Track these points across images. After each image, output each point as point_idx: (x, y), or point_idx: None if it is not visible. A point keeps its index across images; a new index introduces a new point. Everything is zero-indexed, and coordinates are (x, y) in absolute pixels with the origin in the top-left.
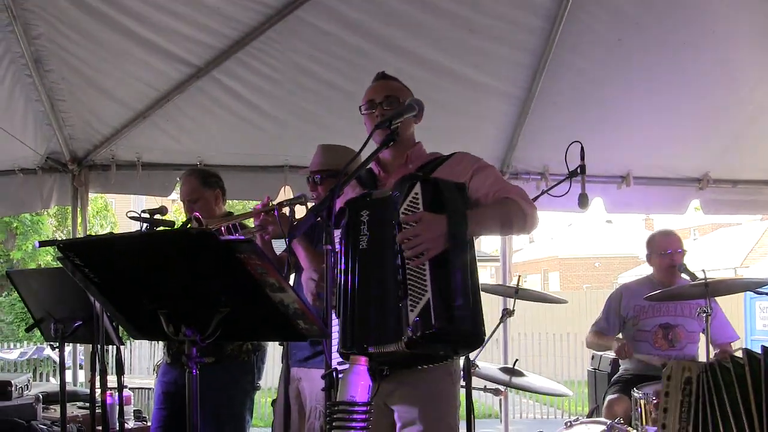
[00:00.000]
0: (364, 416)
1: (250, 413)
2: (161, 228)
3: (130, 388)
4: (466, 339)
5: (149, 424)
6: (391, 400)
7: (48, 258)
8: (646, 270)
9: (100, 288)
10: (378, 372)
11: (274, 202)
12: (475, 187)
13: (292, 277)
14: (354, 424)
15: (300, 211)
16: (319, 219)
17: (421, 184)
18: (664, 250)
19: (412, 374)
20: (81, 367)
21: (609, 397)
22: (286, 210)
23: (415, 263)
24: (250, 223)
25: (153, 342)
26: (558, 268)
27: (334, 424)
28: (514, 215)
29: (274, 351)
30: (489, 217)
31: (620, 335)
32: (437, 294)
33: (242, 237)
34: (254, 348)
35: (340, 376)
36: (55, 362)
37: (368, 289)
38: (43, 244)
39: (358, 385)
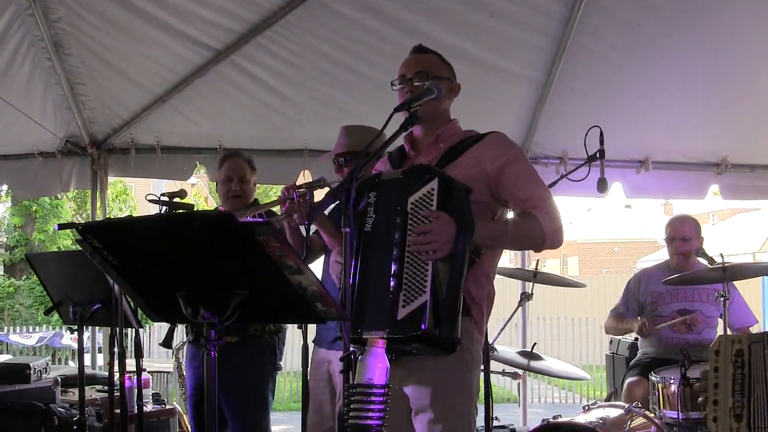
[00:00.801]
0: (381, 398)
1: (272, 394)
2: (180, 211)
3: (149, 372)
4: (444, 346)
5: (168, 407)
6: (405, 386)
7: (67, 242)
8: (665, 255)
9: (119, 270)
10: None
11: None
12: (503, 185)
13: (322, 258)
14: (372, 406)
15: (319, 195)
16: (338, 201)
17: (439, 180)
18: (671, 236)
19: (421, 361)
20: (100, 351)
21: (628, 380)
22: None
23: (419, 264)
24: (277, 210)
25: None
26: (577, 253)
27: (352, 406)
28: (531, 237)
29: (292, 334)
30: (502, 236)
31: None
32: (433, 298)
33: (261, 219)
34: (276, 329)
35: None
36: (73, 348)
37: (367, 274)
38: (62, 227)
39: (376, 367)
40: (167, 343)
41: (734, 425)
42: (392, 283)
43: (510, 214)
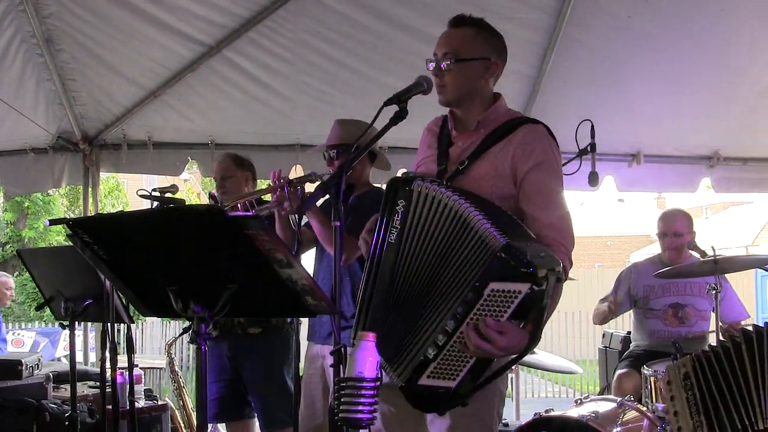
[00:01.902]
0: (372, 392)
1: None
2: (170, 205)
3: (141, 368)
4: (450, 405)
5: (160, 403)
6: None
7: (59, 238)
8: (658, 249)
9: (109, 265)
10: None
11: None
12: (525, 192)
13: (313, 252)
14: (362, 399)
15: (310, 189)
16: (327, 195)
17: (530, 289)
18: (663, 231)
19: None
20: (92, 350)
21: (619, 372)
22: (296, 185)
23: (465, 353)
24: (267, 199)
25: (164, 322)
26: None
27: (342, 399)
28: (557, 298)
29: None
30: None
31: (631, 312)
32: (459, 385)
33: (251, 213)
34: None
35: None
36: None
37: (389, 291)
38: (53, 222)
39: (366, 361)
40: (195, 339)
41: None
42: (430, 352)
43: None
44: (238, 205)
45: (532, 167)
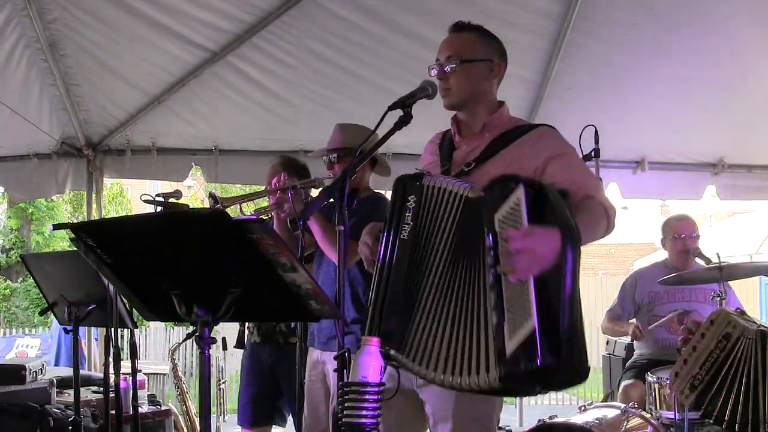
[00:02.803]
0: (376, 397)
1: None
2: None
3: (144, 373)
4: (571, 377)
5: (164, 408)
6: (424, 393)
7: (64, 244)
8: (662, 257)
9: (113, 269)
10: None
11: (287, 184)
12: (551, 173)
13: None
14: (366, 405)
15: (314, 194)
16: (332, 199)
17: (526, 188)
18: (678, 234)
19: None
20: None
21: (624, 383)
22: (298, 188)
23: (518, 284)
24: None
25: (168, 327)
26: None
27: (346, 405)
28: (601, 223)
29: None
30: (583, 234)
31: (634, 320)
32: (544, 319)
33: (255, 217)
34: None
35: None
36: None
37: (406, 289)
38: (57, 227)
39: (370, 365)
40: (240, 344)
41: (687, 392)
42: (494, 318)
43: None
44: (239, 206)
45: (550, 156)
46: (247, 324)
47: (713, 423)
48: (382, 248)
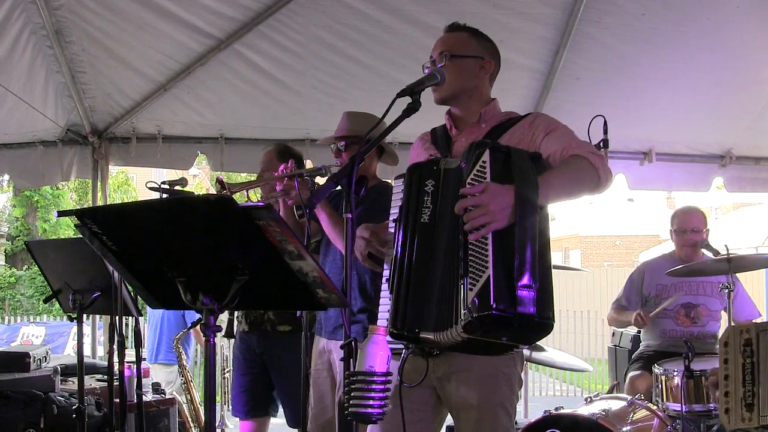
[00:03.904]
0: (382, 386)
1: None
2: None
3: (149, 362)
4: (529, 325)
5: (168, 397)
6: (447, 385)
7: (69, 232)
8: (667, 248)
9: (117, 256)
10: (428, 353)
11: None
12: (545, 147)
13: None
14: (373, 394)
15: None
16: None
17: (490, 151)
18: (681, 227)
19: (466, 357)
20: (100, 344)
21: (631, 374)
22: (305, 177)
23: (475, 236)
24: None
25: None
26: (579, 246)
27: (352, 394)
28: (586, 176)
29: None
30: (557, 183)
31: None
32: (499, 271)
33: (262, 203)
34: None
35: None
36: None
37: (427, 269)
38: (62, 214)
39: (377, 355)
40: (229, 333)
41: (746, 415)
42: (460, 271)
43: None
44: (246, 193)
45: (546, 132)
46: (235, 312)
47: None
48: (401, 235)
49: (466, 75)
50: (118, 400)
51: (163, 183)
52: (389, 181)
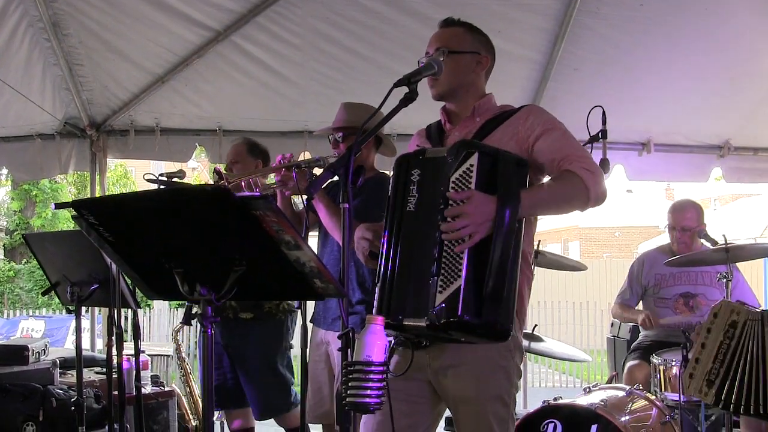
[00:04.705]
0: (380, 376)
1: (289, 371)
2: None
3: (148, 355)
4: (490, 334)
5: (167, 389)
6: (443, 380)
7: (68, 225)
8: (666, 240)
9: (115, 247)
10: (415, 343)
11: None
12: (539, 149)
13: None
14: (370, 384)
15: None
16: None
17: (479, 155)
18: (672, 224)
19: (462, 349)
20: (99, 337)
21: (629, 364)
22: (302, 167)
23: (459, 248)
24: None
25: (172, 309)
26: (578, 238)
27: (350, 384)
28: (575, 195)
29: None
30: (545, 200)
31: (640, 305)
32: (470, 282)
33: (258, 194)
34: (289, 309)
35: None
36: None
37: (410, 257)
38: (59, 206)
39: (375, 344)
40: (187, 319)
41: (705, 389)
42: (432, 269)
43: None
44: (242, 183)
45: (543, 130)
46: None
47: (732, 411)
48: (388, 224)
49: (464, 71)
50: (117, 393)
51: (161, 175)
52: (387, 172)
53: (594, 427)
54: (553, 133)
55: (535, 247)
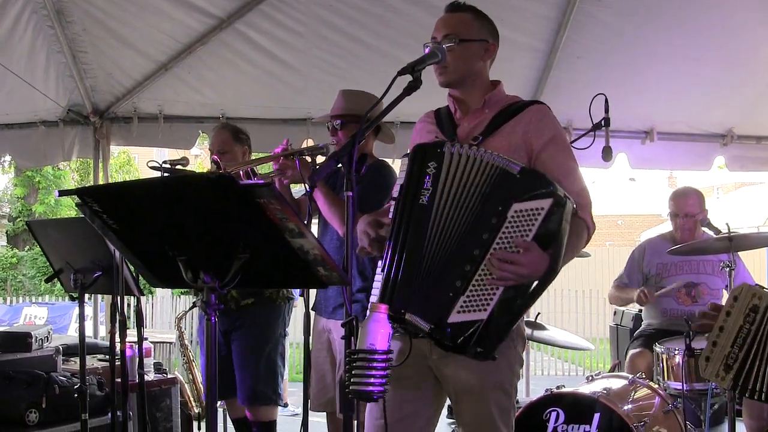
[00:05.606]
0: (383, 364)
1: (282, 359)
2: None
3: (151, 342)
4: (476, 358)
5: (170, 376)
6: (445, 369)
7: (70, 212)
8: (669, 228)
9: (118, 235)
10: (413, 333)
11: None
12: (543, 161)
13: (315, 223)
14: (374, 372)
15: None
16: (339, 165)
17: (553, 203)
18: (674, 211)
19: None
20: (102, 324)
21: (631, 352)
22: (307, 157)
23: (492, 282)
24: (268, 168)
25: (175, 296)
26: None
27: (353, 372)
28: (583, 243)
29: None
30: (567, 258)
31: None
32: (493, 319)
33: (262, 181)
34: (288, 296)
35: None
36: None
37: (420, 253)
38: (62, 193)
39: (378, 333)
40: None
41: (722, 373)
42: (458, 283)
43: None
44: (240, 172)
45: (547, 141)
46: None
47: (748, 396)
48: (397, 215)
49: (473, 59)
50: (119, 380)
51: (164, 162)
52: (386, 160)
53: (596, 416)
54: (557, 148)
55: None
